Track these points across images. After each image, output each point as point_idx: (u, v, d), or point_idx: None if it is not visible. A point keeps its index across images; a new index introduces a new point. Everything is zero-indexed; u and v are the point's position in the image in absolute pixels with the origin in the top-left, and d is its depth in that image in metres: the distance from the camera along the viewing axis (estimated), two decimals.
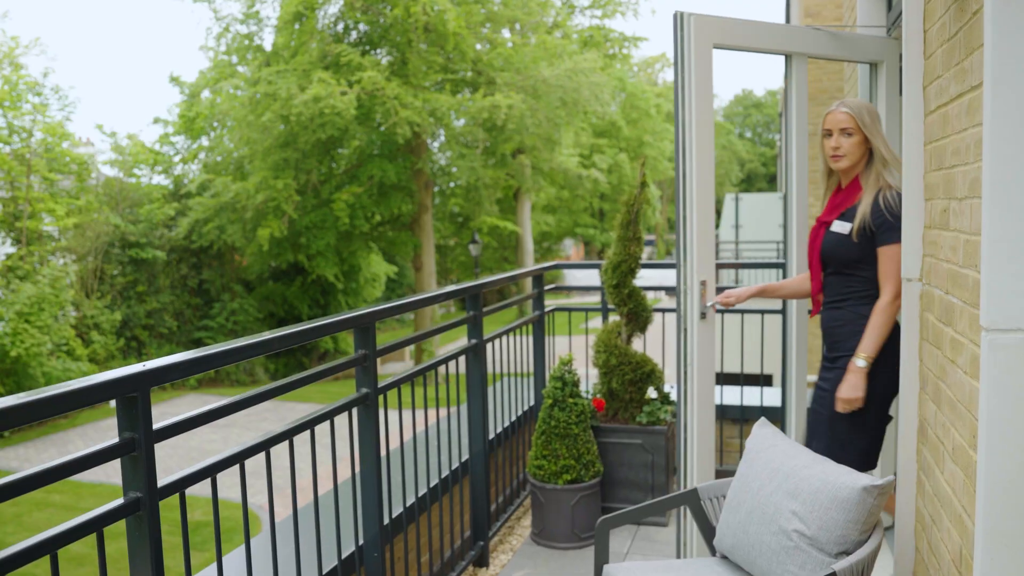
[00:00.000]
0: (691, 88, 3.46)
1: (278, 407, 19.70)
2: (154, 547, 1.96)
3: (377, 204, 25.45)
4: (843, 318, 3.13)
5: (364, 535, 3.04)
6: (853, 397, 2.99)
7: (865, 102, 3.14)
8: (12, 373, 20.07)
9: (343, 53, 23.23)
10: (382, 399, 3.09)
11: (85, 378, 1.84)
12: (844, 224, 3.10)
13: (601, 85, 24.75)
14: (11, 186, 22.93)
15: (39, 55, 36.03)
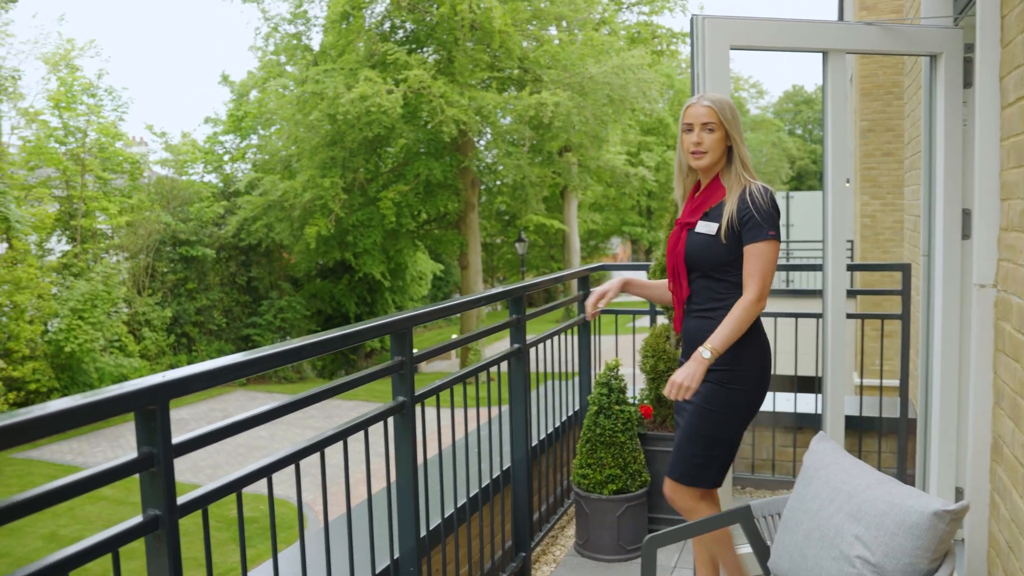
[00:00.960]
0: (706, 89, 3.38)
1: (325, 404, 19.77)
2: (174, 567, 1.86)
3: (423, 202, 25.47)
4: (712, 328, 2.84)
5: (400, 549, 2.93)
6: (686, 385, 2.70)
7: (726, 97, 2.93)
8: (67, 368, 20.45)
9: (389, 52, 23.27)
10: (419, 406, 2.97)
11: (102, 389, 1.75)
12: (710, 224, 2.86)
13: (649, 82, 24.47)
14: (67, 185, 23.38)
15: (93, 57, 36.96)
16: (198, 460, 16.30)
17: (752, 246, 2.78)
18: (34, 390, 19.53)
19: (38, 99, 35.95)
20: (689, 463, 2.91)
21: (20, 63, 36.86)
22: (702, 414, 2.88)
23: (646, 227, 39.56)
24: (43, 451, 17.81)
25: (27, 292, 19.89)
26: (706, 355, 2.73)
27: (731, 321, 2.75)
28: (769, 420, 5.18)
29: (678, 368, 2.89)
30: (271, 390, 23.76)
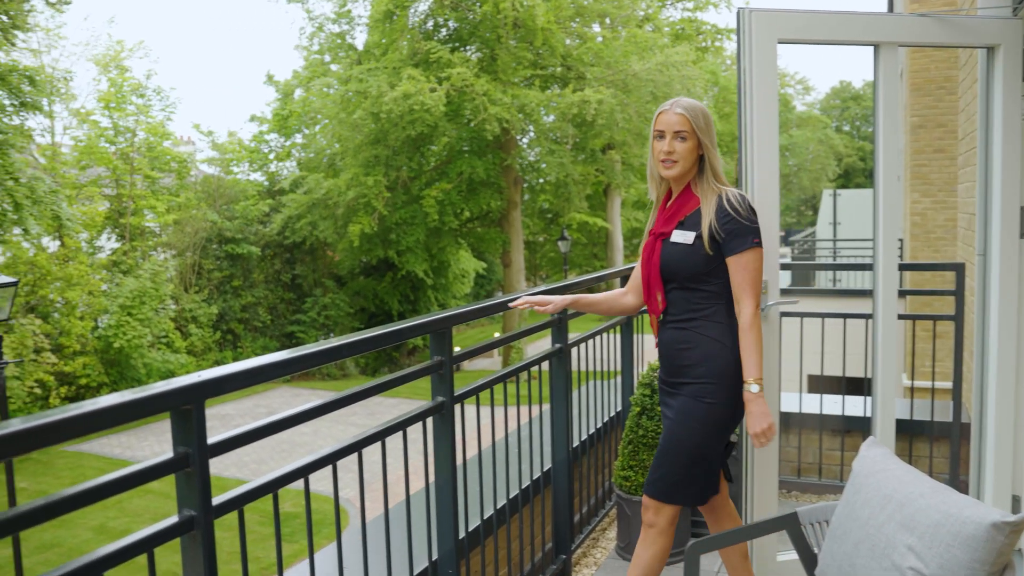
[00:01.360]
0: (753, 83, 3.31)
1: (367, 400, 19.87)
2: (209, 567, 1.84)
3: (466, 200, 25.50)
4: (690, 340, 2.79)
5: (438, 550, 2.90)
6: (767, 426, 2.69)
7: (700, 104, 2.82)
8: (116, 364, 20.82)
9: (433, 50, 23.33)
10: (458, 406, 2.94)
11: (139, 388, 1.74)
12: (686, 234, 2.77)
13: (693, 79, 24.23)
14: (116, 184, 23.81)
15: (142, 58, 37.63)
16: (242, 456, 16.48)
17: (738, 257, 2.70)
18: (84, 384, 19.91)
19: (89, 100, 36.72)
20: (668, 480, 2.82)
21: (72, 65, 37.78)
22: (680, 430, 2.79)
23: None
24: (92, 444, 18.15)
25: (78, 289, 20.28)
26: (754, 389, 2.68)
27: (750, 345, 2.69)
28: (816, 423, 5.07)
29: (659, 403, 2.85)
30: (314, 387, 23.96)
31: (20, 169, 15.04)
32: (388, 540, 2.56)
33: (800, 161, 47.03)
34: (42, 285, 19.67)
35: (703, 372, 2.75)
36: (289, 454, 16.62)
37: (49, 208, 15.66)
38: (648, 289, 2.88)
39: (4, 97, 15.76)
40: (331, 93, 24.99)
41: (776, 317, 3.41)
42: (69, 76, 22.54)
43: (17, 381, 17.45)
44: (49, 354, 19.02)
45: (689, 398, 2.78)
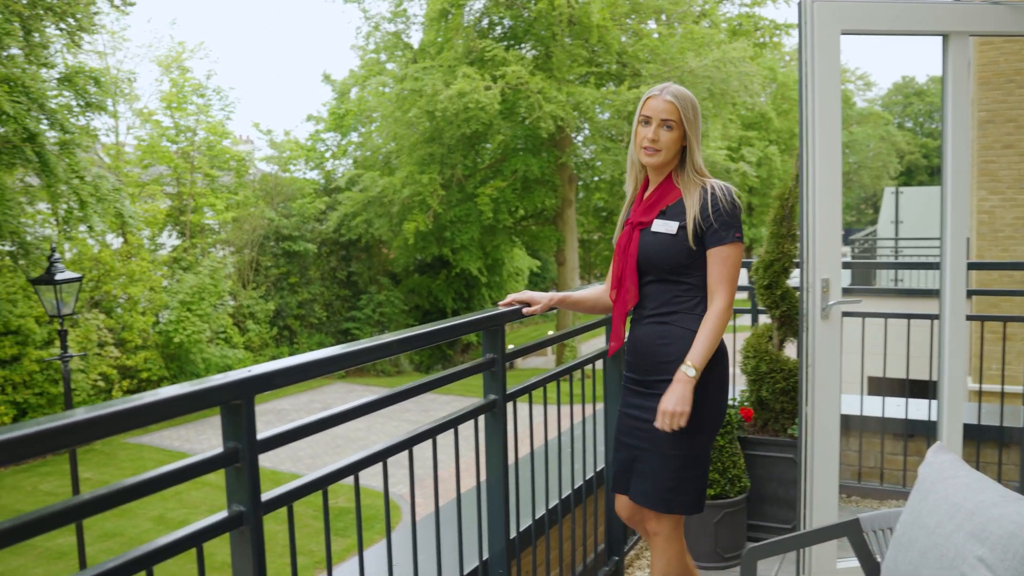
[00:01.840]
0: (815, 77, 3.21)
1: (420, 397, 19.94)
2: (257, 563, 1.83)
3: (521, 198, 25.47)
4: (670, 335, 2.66)
5: (489, 550, 2.87)
6: (682, 410, 2.53)
7: (690, 94, 2.69)
8: (175, 358, 21.23)
9: (487, 48, 23.34)
10: (511, 404, 2.90)
11: (189, 383, 1.74)
12: (668, 223, 2.65)
13: (751, 75, 23.88)
14: (177, 182, 24.28)
15: (203, 58, 38.34)
16: (297, 450, 16.69)
17: (718, 249, 2.61)
18: (145, 378, 20.35)
19: (152, 100, 37.42)
20: (664, 488, 2.69)
21: (135, 66, 38.65)
22: (672, 434, 2.64)
23: (746, 224, 38.67)
24: (153, 437, 18.53)
25: (140, 285, 20.73)
26: (691, 373, 2.56)
27: (708, 334, 2.59)
28: (877, 426, 4.93)
29: (630, 405, 2.78)
30: (368, 383, 24.16)
31: (85, 168, 15.39)
32: (438, 538, 2.53)
33: (860, 159, 46.09)
34: (106, 281, 20.14)
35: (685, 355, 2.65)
36: (343, 449, 16.78)
37: (112, 206, 16.00)
38: (621, 281, 2.75)
39: (71, 98, 16.14)
40: (387, 92, 25.16)
41: (838, 316, 3.31)
42: (133, 77, 23.04)
43: (82, 374, 17.89)
44: (112, 348, 19.48)
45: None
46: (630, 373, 2.81)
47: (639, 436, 2.73)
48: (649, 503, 2.72)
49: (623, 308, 2.75)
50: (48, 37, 15.04)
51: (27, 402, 17.19)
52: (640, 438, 2.73)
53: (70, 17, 14.90)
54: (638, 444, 2.74)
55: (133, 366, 20.18)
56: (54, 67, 15.36)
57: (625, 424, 2.81)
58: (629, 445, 2.78)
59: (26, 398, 17.18)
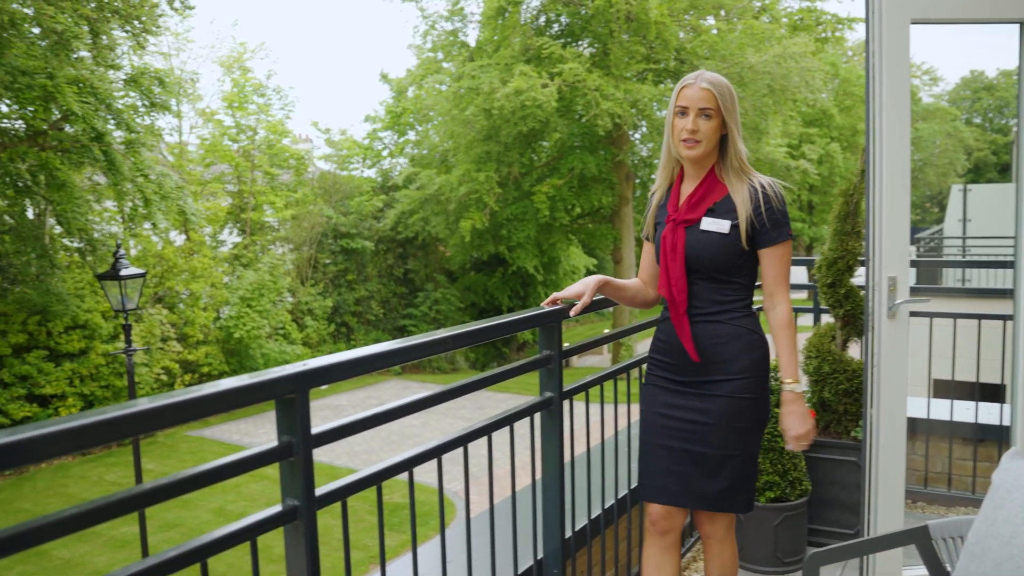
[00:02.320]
0: (882, 69, 3.08)
1: (476, 395, 20.02)
2: (310, 557, 1.83)
3: (577, 196, 25.37)
4: (725, 333, 2.58)
5: (544, 549, 2.84)
6: (809, 427, 2.58)
7: (726, 80, 2.55)
8: (235, 353, 21.60)
9: (544, 46, 23.27)
10: (567, 402, 2.86)
11: (244, 376, 1.74)
12: (719, 222, 2.54)
13: (812, 71, 23.43)
14: (238, 180, 24.69)
15: (263, 59, 38.88)
16: (353, 445, 16.85)
17: (773, 249, 2.56)
18: (206, 372, 20.73)
19: (214, 100, 38.11)
20: (722, 489, 2.62)
21: (199, 66, 39.28)
22: (727, 434, 2.59)
23: (807, 222, 38.02)
24: (214, 430, 18.88)
25: (202, 281, 21.13)
26: (798, 389, 2.59)
27: (790, 342, 2.60)
28: (945, 430, 4.78)
29: (679, 407, 2.66)
30: (424, 380, 24.30)
31: (150, 167, 15.73)
32: (493, 536, 2.51)
33: (926, 156, 44.99)
34: (169, 277, 20.57)
35: (743, 367, 2.58)
36: (398, 445, 16.89)
37: (175, 203, 16.33)
38: (673, 281, 2.61)
39: (137, 99, 16.50)
40: (443, 90, 25.25)
41: (905, 316, 3.20)
42: (196, 77, 23.44)
43: (145, 368, 18.30)
44: (175, 343, 19.89)
45: (730, 397, 2.59)
46: (670, 374, 2.70)
47: (691, 439, 2.63)
48: (707, 505, 2.65)
49: (680, 308, 2.63)
50: (115, 39, 15.39)
51: (93, 394, 17.64)
52: (693, 441, 2.63)
53: (135, 20, 15.22)
54: (691, 448, 2.63)
55: (194, 361, 20.58)
56: (120, 68, 15.72)
57: (669, 427, 2.68)
58: (676, 449, 2.66)
59: (92, 390, 17.63)
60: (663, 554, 2.74)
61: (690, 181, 2.65)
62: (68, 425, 1.35)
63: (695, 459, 2.62)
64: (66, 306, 16.72)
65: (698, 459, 2.62)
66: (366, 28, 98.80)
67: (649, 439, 2.72)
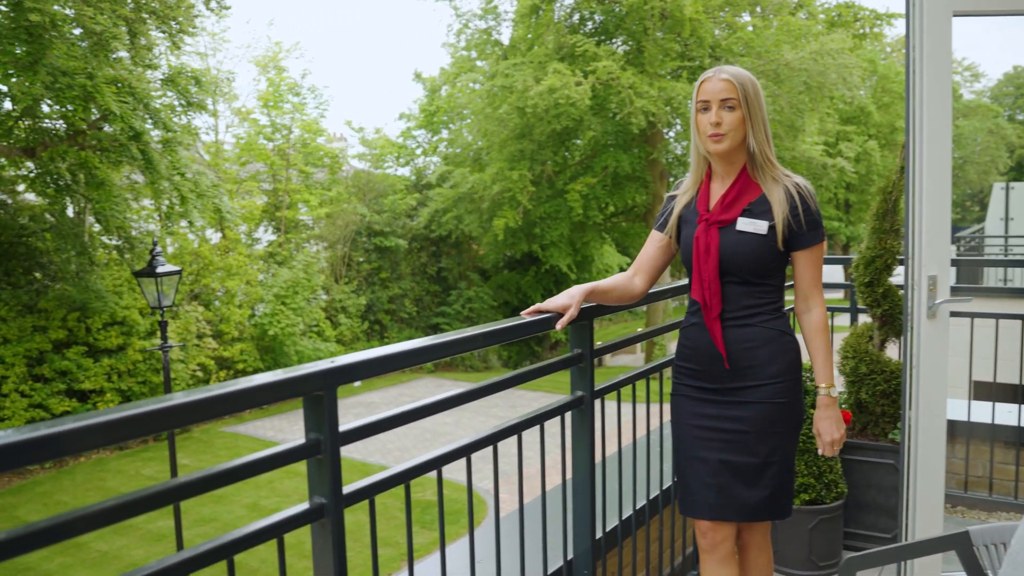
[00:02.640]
0: (923, 63, 3.00)
1: (508, 393, 20.02)
2: (338, 555, 1.82)
3: (611, 195, 25.28)
4: (757, 337, 2.50)
5: (574, 550, 2.81)
6: (843, 432, 2.57)
7: (748, 73, 2.46)
8: (270, 350, 21.79)
9: (578, 44, 23.20)
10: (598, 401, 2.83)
11: (271, 373, 1.73)
12: (757, 223, 2.45)
13: (849, 67, 23.12)
14: (273, 179, 24.91)
15: (298, 58, 39.29)
16: (386, 443, 16.92)
17: (809, 251, 2.49)
18: (241, 369, 20.94)
19: (249, 99, 38.50)
20: (763, 497, 2.53)
21: (234, 66, 39.82)
22: (765, 440, 2.51)
23: (844, 221, 37.57)
24: (248, 427, 19.06)
25: (237, 278, 21.35)
26: (834, 393, 2.56)
27: (826, 346, 2.58)
28: (986, 433, 4.68)
29: (710, 416, 2.57)
30: (457, 378, 24.36)
31: (186, 165, 15.90)
32: (522, 536, 2.49)
33: (966, 153, 44.24)
34: (205, 274, 20.80)
35: (777, 370, 2.51)
36: (431, 443, 16.94)
37: (211, 202, 16.50)
38: (707, 284, 2.51)
39: (174, 98, 16.69)
40: (477, 88, 25.26)
41: (945, 316, 3.13)
42: (232, 77, 23.76)
43: (182, 364, 18.52)
44: (210, 339, 20.11)
45: (765, 403, 2.50)
46: (699, 382, 2.60)
47: (728, 449, 2.54)
48: (749, 515, 2.56)
49: (713, 312, 2.52)
50: (152, 40, 15.57)
51: (131, 390, 17.88)
52: (730, 451, 2.53)
53: (172, 20, 15.39)
54: (729, 458, 2.53)
55: (230, 357, 20.79)
56: (157, 68, 15.90)
57: (703, 437, 2.58)
58: (712, 460, 2.56)
59: (130, 386, 17.87)
60: (719, 567, 2.64)
61: (721, 181, 2.56)
62: (95, 420, 1.35)
63: (734, 469, 2.53)
64: (104, 303, 16.96)
65: (737, 469, 2.53)
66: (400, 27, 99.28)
67: (685, 452, 2.63)
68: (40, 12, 12.27)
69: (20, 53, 12.74)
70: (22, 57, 12.82)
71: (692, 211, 2.59)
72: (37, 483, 15.62)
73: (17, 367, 16.25)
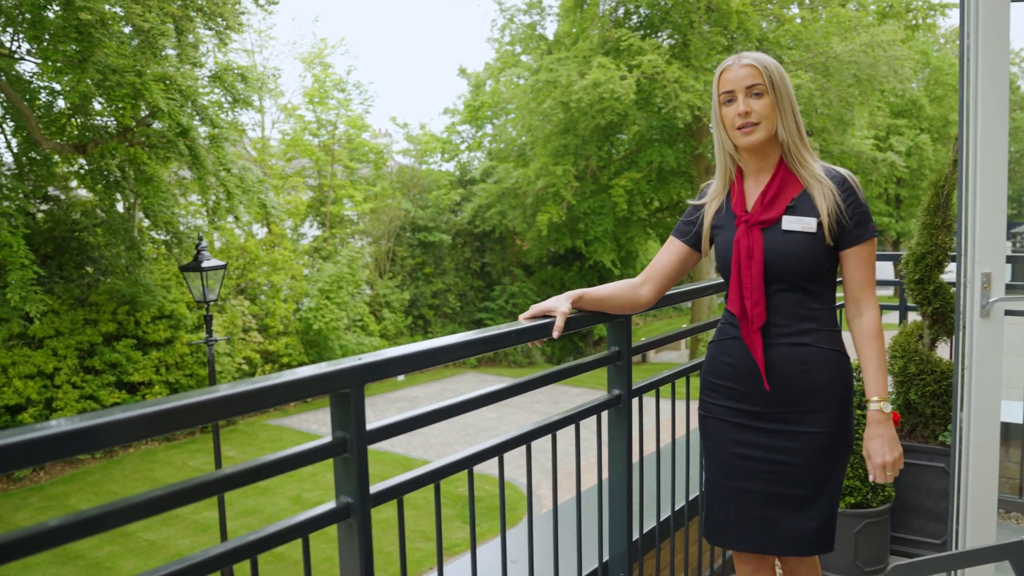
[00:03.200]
0: (978, 52, 2.84)
1: (552, 388, 19.94)
2: (364, 556, 1.78)
3: (656, 190, 25.08)
4: (815, 358, 2.24)
5: (610, 551, 2.75)
6: (898, 455, 2.21)
7: (770, 57, 2.24)
8: (314, 344, 21.98)
9: (623, 38, 23.02)
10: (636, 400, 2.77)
11: (298, 369, 1.71)
12: (805, 220, 2.21)
13: (901, 59, 22.64)
14: (318, 174, 25.11)
15: (343, 54, 39.58)
16: (429, 437, 16.98)
17: (859, 248, 2.23)
18: (286, 363, 21.16)
19: (295, 95, 38.94)
20: (812, 531, 2.29)
21: (280, 63, 40.17)
22: (819, 470, 2.26)
23: (894, 216, 36.87)
24: (292, 420, 19.26)
25: (282, 273, 21.57)
26: (887, 409, 2.23)
27: (880, 356, 2.25)
28: None
29: (755, 446, 2.31)
30: (500, 373, 24.37)
31: (232, 161, 16.08)
32: (556, 538, 2.43)
33: (1023, 147, 43.18)
34: (251, 269, 21.04)
35: (833, 397, 2.26)
36: (473, 438, 16.97)
37: (257, 197, 16.68)
38: (747, 292, 2.26)
39: (221, 95, 16.88)
40: (521, 83, 25.22)
41: (999, 315, 3.01)
42: (278, 73, 24.00)
43: (227, 357, 18.75)
44: (256, 333, 20.34)
45: (819, 432, 2.26)
46: (738, 403, 2.35)
47: (775, 480, 2.30)
48: (797, 550, 2.33)
49: (755, 326, 2.27)
50: (200, 37, 15.77)
51: (178, 382, 18.16)
52: (777, 482, 2.29)
53: (219, 17, 15.55)
54: (776, 489, 2.30)
55: (275, 351, 21.02)
56: (203, 66, 16.10)
57: (747, 467, 2.33)
58: (757, 492, 2.32)
59: (178, 379, 18.15)
60: None
61: (755, 178, 2.33)
62: (98, 420, 1.34)
63: (781, 500, 2.30)
64: (153, 297, 17.24)
65: (785, 500, 2.30)
66: (445, 23, 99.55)
67: (723, 480, 2.39)
68: (90, 10, 12.47)
69: (70, 51, 12.97)
70: (72, 55, 13.05)
71: (727, 215, 2.35)
72: (88, 472, 15.94)
73: (69, 359, 16.58)
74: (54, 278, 17.01)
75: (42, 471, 15.78)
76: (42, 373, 16.35)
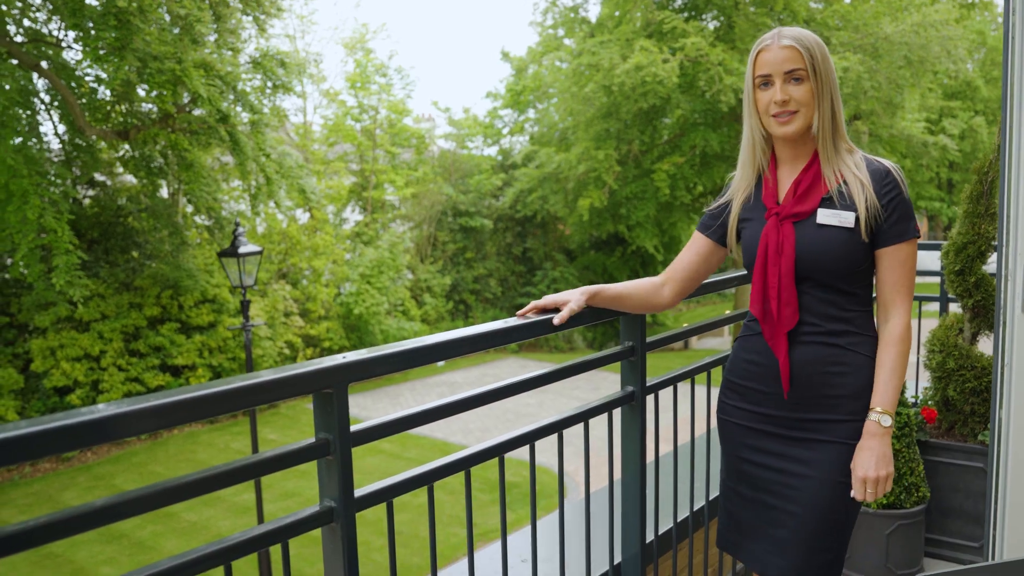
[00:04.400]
0: (1022, 27, 2.67)
1: (593, 374, 19.78)
2: (349, 561, 1.71)
3: (699, 174, 24.73)
4: (846, 361, 2.06)
5: (622, 553, 2.65)
6: (887, 472, 1.99)
7: (813, 34, 2.02)
8: (355, 329, 22.10)
9: (667, 20, 22.69)
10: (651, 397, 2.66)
11: (280, 368, 1.64)
12: (842, 214, 2.02)
13: (955, 40, 22.01)
14: (360, 159, 25.18)
15: (385, 39, 39.40)
16: (467, 422, 16.98)
17: (898, 248, 2.03)
18: (327, 347, 21.31)
19: (337, 80, 39.08)
20: (818, 561, 2.09)
21: (322, 48, 40.34)
22: (834, 490, 2.07)
23: (946, 201, 36.04)
24: None
25: (324, 258, 21.69)
26: (886, 423, 2.01)
27: (898, 368, 2.03)
28: None
29: (763, 452, 2.15)
30: (541, 359, 24.30)
31: (271, 146, 16.15)
32: (562, 540, 2.34)
33: None
34: (292, 254, 21.19)
35: (863, 407, 2.08)
36: (512, 424, 16.93)
37: (296, 182, 16.75)
38: (773, 290, 2.10)
39: (261, 80, 16.96)
40: (563, 67, 25.00)
41: None
42: (319, 59, 24.02)
43: (269, 341, 18.92)
44: (297, 318, 20.50)
45: (843, 444, 2.08)
46: (759, 407, 2.19)
47: (783, 495, 2.13)
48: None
49: (782, 328, 2.10)
50: (240, 22, 15.84)
51: (221, 366, 18.38)
52: (784, 497, 2.13)
53: (257, 4, 15.62)
54: (781, 504, 2.14)
55: (316, 335, 21.17)
56: (241, 52, 16.18)
57: (752, 475, 2.20)
58: (760, 503, 2.19)
59: (220, 362, 18.37)
60: None
61: (789, 167, 2.15)
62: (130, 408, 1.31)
63: (784, 520, 2.14)
64: (195, 281, 17.43)
65: (788, 520, 2.13)
66: (487, 6, 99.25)
67: (733, 486, 2.29)
68: None
69: (110, 39, 13.09)
70: (112, 42, 13.17)
71: (756, 206, 2.19)
72: (133, 453, 16.22)
73: (115, 342, 16.85)
74: (100, 262, 17.28)
75: (90, 452, 16.09)
76: (88, 356, 16.63)
